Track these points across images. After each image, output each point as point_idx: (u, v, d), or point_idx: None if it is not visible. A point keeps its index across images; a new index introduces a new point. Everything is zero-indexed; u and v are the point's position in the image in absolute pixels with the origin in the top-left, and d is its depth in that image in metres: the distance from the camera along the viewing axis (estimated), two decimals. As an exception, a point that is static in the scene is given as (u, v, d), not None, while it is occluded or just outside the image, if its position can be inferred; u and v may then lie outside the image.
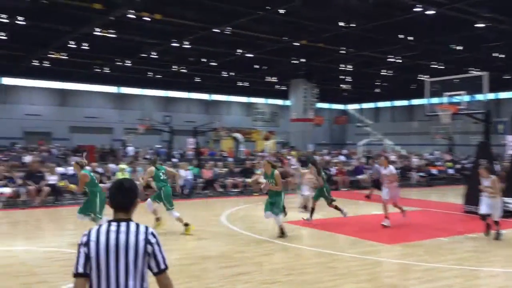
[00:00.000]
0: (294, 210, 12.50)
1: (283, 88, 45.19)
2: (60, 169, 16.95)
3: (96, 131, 40.54)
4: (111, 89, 44.48)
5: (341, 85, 45.50)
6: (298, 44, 28.93)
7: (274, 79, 42.59)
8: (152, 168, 10.65)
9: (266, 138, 43.13)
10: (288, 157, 25.55)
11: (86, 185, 9.44)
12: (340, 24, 25.23)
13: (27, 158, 20.74)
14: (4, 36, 27.45)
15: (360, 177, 21.67)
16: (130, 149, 29.37)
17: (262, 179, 19.30)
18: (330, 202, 11.83)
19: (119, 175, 16.32)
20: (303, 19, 24.96)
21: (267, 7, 22.86)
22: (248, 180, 18.99)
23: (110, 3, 22.20)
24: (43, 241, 9.64)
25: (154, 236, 2.86)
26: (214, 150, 34.70)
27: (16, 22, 24.44)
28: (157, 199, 10.42)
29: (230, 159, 27.92)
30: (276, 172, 9.89)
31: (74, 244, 8.35)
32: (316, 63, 35.03)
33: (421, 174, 23.59)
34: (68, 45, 29.39)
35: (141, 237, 2.80)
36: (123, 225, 2.81)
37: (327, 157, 27.01)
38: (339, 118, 58.41)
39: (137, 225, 2.85)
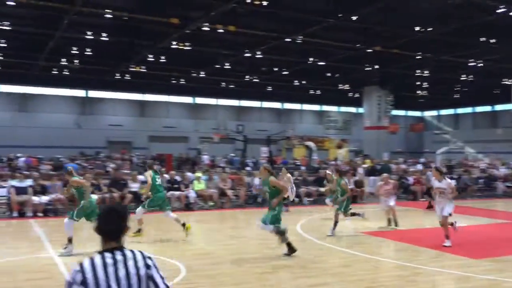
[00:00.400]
0: (371, 221, 12.20)
1: (356, 95, 44.46)
2: (141, 177, 17.71)
3: (173, 140, 41.97)
4: (187, 99, 45.96)
5: (417, 91, 43.99)
6: (372, 50, 28.38)
7: (346, 87, 42.03)
8: (150, 172, 10.92)
9: (339, 147, 42.48)
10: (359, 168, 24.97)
11: (77, 192, 9.37)
12: (416, 29, 24.46)
13: (111, 166, 21.89)
14: (89, 52, 29.32)
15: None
16: (205, 158, 30.11)
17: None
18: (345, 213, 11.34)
19: (196, 183, 16.81)
20: (376, 25, 24.49)
21: (339, 15, 22.67)
22: (322, 189, 18.81)
23: (186, 17, 23.05)
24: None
25: (150, 259, 2.68)
26: (287, 159, 34.74)
27: (100, 38, 26.03)
28: (149, 206, 10.72)
29: (303, 168, 27.78)
30: (272, 178, 8.91)
31: (157, 249, 8.68)
32: (391, 69, 34.17)
33: (508, 184, 22.18)
34: (147, 59, 30.84)
35: (140, 264, 2.61)
36: (118, 254, 2.58)
37: (403, 166, 26.12)
38: (416, 125, 56.35)
39: (133, 253, 2.63)
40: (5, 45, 28.06)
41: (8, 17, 23.65)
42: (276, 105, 50.32)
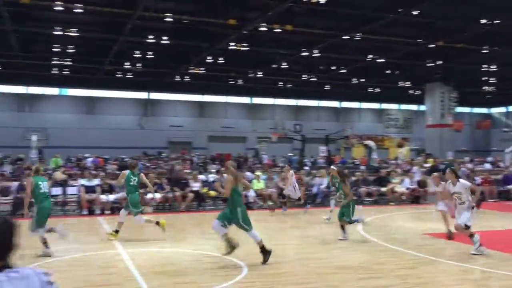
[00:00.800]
0: (434, 222, 11.77)
1: (418, 92, 43.10)
2: (202, 177, 18.11)
3: (231, 140, 42.47)
4: (244, 99, 46.38)
5: (483, 87, 42.01)
6: (434, 45, 27.39)
7: (407, 84, 40.84)
8: (126, 172, 10.73)
9: (400, 145, 41.37)
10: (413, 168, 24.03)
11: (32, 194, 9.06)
12: (482, 22, 23.38)
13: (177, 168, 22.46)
14: (151, 55, 30.30)
15: (509, 187, 19.71)
16: (265, 157, 30.28)
17: (398, 188, 18.58)
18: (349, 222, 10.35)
19: (255, 183, 16.95)
20: (439, 19, 23.63)
21: (399, 10, 22.09)
22: (383, 188, 18.43)
23: (243, 18, 23.27)
24: (189, 243, 10.32)
25: (46, 274, 2.32)
26: (345, 158, 34.27)
27: (161, 41, 26.83)
28: (127, 208, 10.54)
29: (363, 167, 27.31)
30: (229, 176, 8.32)
31: (219, 247, 8.84)
32: (455, 64, 32.83)
33: None
34: (206, 60, 31.43)
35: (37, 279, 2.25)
36: (11, 272, 2.21)
37: (469, 165, 25.03)
38: (482, 122, 53.79)
39: (25, 269, 2.27)
40: (74, 50, 29.58)
41: (76, 24, 24.88)
42: (334, 103, 49.72)
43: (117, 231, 10.47)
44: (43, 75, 36.19)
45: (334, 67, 34.70)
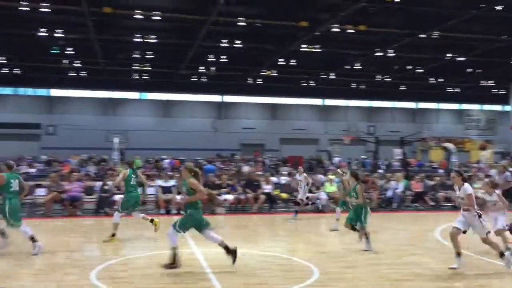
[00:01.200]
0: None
1: (502, 92, 40.56)
2: (273, 179, 18.21)
3: (303, 142, 42.30)
4: (316, 101, 46.06)
5: None
6: (520, 41, 25.70)
7: (490, 83, 38.59)
8: (127, 171, 10.70)
9: (482, 148, 39.12)
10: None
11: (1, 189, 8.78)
12: None
13: (245, 168, 22.83)
14: (224, 58, 30.98)
15: None
16: (337, 160, 29.91)
17: (481, 194, 17.58)
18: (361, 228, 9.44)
19: (327, 185, 16.78)
20: (526, 13, 22.14)
21: (481, 5, 20.96)
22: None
23: (315, 19, 23.15)
24: (260, 245, 10.41)
25: None
26: (422, 161, 32.99)
27: (234, 45, 27.36)
28: (123, 208, 10.54)
29: (441, 171, 26.16)
30: (191, 180, 7.61)
31: (290, 250, 8.87)
32: (545, 61, 30.61)
33: None
34: (278, 63, 31.60)
35: None
36: None
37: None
38: None
39: None
40: (152, 56, 30.97)
41: (154, 31, 26.03)
42: (410, 104, 47.97)
43: (113, 235, 10.36)
44: (124, 80, 38.21)
45: (409, 67, 33.57)
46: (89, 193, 15.71)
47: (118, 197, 14.63)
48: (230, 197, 16.03)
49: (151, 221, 10.56)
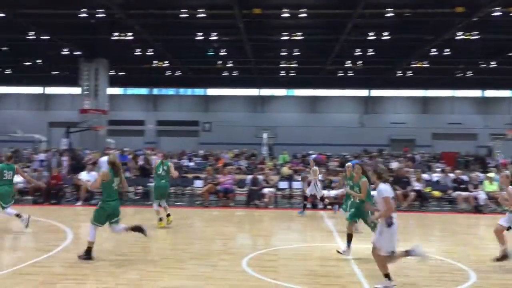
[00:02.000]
0: None
1: None
2: (425, 176, 17.28)
3: (459, 137, 39.52)
4: (474, 93, 42.53)
5: None
6: None
7: None
8: (158, 160, 11.63)
9: None
10: None
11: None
12: None
13: (394, 164, 22.02)
14: (372, 52, 30.21)
15: None
16: (500, 156, 27.30)
17: None
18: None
19: (487, 184, 15.42)
20: None
21: None
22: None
23: (473, 4, 21.36)
24: (411, 244, 9.95)
25: None
26: None
27: (382, 38, 26.52)
28: (156, 198, 10.97)
29: None
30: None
31: (444, 251, 8.34)
32: None
33: None
34: (430, 53, 29.83)
35: None
36: None
37: None
38: None
39: None
40: (299, 53, 31.55)
41: (301, 28, 26.47)
42: None
43: (160, 219, 10.94)
44: (272, 78, 39.58)
45: None
46: (240, 185, 16.59)
47: (266, 190, 15.31)
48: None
49: (160, 219, 10.98)
